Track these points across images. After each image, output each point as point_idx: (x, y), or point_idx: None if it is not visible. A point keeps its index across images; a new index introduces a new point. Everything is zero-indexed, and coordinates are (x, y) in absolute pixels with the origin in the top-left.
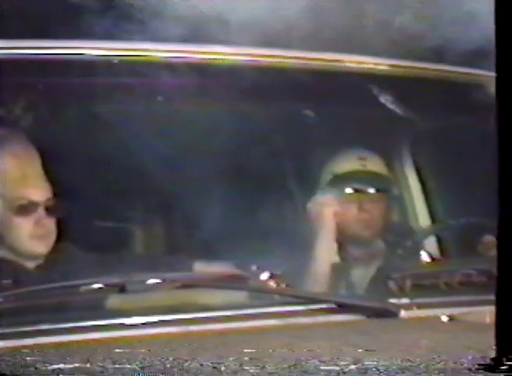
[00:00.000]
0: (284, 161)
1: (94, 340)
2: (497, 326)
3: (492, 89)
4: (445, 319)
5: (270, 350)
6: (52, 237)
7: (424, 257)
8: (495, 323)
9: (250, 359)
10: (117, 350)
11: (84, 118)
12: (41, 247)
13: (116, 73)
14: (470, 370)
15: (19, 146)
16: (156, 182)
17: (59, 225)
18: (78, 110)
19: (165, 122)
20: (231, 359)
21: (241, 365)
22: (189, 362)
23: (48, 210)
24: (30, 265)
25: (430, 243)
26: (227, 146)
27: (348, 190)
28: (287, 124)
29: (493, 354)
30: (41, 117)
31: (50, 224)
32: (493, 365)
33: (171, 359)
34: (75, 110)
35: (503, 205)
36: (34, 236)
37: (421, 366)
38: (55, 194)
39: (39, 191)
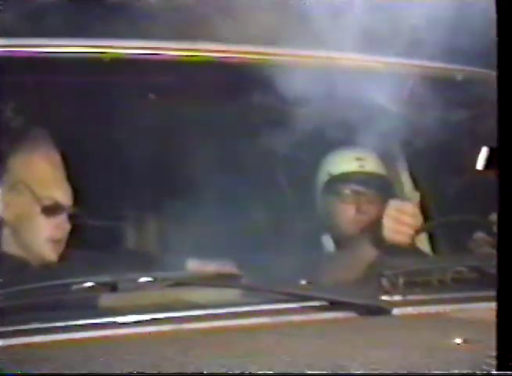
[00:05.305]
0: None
1: (85, 338)
2: (498, 324)
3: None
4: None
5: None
6: (63, 245)
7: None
8: (496, 321)
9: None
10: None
11: (76, 116)
12: (53, 254)
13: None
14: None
15: (49, 148)
16: (147, 180)
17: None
18: (70, 107)
19: (155, 120)
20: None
21: (233, 363)
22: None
23: (69, 215)
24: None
25: (422, 240)
26: (219, 144)
27: (346, 191)
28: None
29: (489, 352)
30: (33, 115)
31: (67, 230)
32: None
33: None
34: (66, 107)
35: (503, 202)
36: (50, 240)
37: (416, 364)
38: (77, 200)
39: (66, 195)
